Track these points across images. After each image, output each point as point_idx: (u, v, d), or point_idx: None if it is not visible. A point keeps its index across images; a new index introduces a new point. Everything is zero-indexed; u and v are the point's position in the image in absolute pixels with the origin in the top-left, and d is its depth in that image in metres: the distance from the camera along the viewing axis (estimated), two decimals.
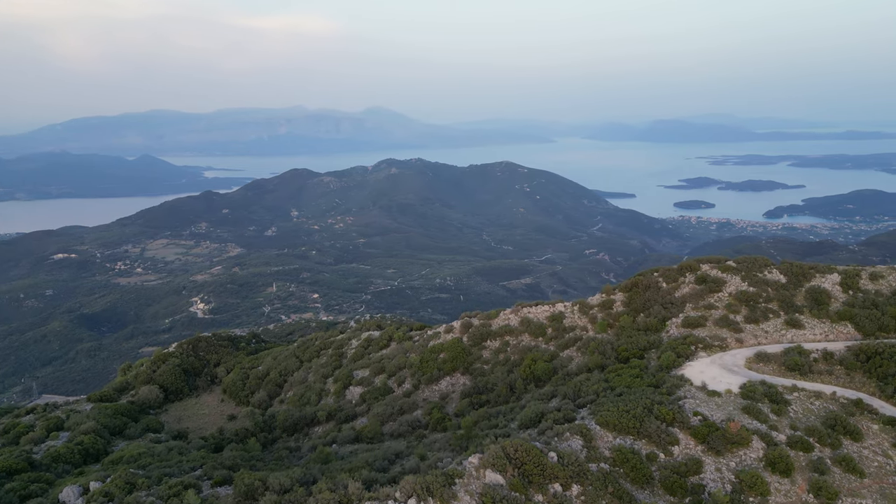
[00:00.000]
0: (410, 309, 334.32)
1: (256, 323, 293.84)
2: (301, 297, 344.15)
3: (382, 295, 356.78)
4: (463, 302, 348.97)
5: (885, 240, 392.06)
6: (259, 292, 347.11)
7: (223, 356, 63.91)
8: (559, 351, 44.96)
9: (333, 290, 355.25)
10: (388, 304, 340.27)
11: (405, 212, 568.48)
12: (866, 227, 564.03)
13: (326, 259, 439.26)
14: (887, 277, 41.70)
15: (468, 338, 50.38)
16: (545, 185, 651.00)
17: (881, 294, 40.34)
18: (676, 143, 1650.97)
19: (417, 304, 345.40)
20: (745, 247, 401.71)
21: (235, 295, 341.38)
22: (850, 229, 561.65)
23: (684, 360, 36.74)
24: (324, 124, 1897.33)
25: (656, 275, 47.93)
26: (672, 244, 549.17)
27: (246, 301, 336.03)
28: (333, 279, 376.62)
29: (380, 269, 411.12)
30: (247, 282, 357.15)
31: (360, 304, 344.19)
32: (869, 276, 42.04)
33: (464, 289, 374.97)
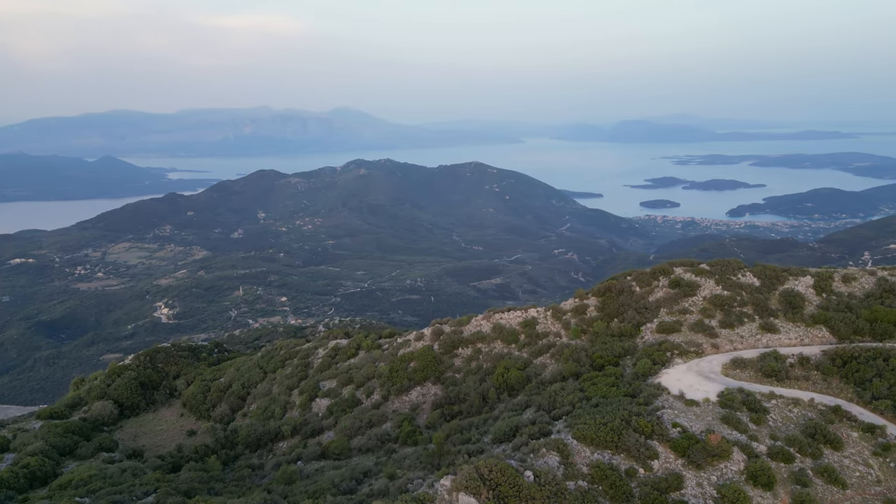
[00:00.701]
0: (381, 311, 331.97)
1: (223, 328, 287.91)
2: (269, 300, 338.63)
3: (352, 297, 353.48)
4: (434, 303, 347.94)
5: (843, 237, 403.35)
6: (225, 296, 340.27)
7: (183, 368, 61.14)
8: (532, 358, 43.77)
9: (302, 293, 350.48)
10: (358, 307, 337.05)
11: (375, 213, 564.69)
12: (825, 224, 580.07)
13: (295, 261, 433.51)
14: (860, 280, 41.55)
15: (439, 345, 48.87)
16: (514, 185, 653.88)
17: (854, 296, 40.14)
18: (642, 143, 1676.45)
19: (388, 306, 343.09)
20: (710, 245, 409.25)
21: (201, 299, 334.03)
22: (809, 227, 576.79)
23: (660, 367, 35.85)
24: (291, 124, 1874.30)
25: (629, 279, 47.12)
26: (639, 243, 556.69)
27: (212, 305, 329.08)
28: (302, 282, 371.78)
29: (349, 271, 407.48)
30: (213, 285, 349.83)
31: (329, 306, 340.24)
32: (842, 279, 41.85)
33: (434, 290, 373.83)
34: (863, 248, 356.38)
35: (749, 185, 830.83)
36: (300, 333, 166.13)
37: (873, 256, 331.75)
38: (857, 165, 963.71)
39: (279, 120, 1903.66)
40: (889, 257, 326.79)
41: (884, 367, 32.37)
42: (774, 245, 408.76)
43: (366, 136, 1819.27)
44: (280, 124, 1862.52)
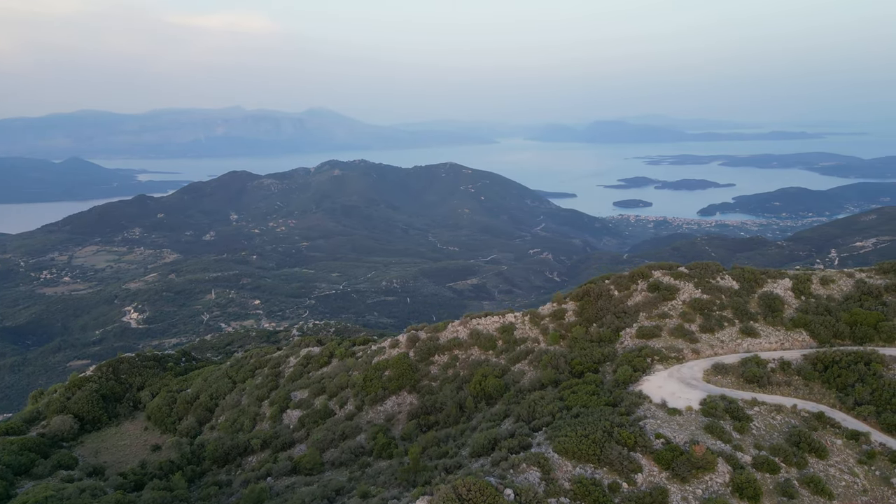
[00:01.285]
0: (356, 313, 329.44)
1: (194, 332, 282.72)
2: (241, 303, 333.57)
3: (327, 299, 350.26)
4: (410, 304, 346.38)
5: (810, 235, 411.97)
6: (197, 300, 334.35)
7: (148, 378, 58.73)
8: (510, 365, 42.70)
9: (276, 296, 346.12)
10: (332, 309, 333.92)
11: (349, 214, 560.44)
12: (792, 223, 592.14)
13: (268, 263, 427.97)
14: (837, 282, 41.32)
15: (415, 353, 47.50)
16: (489, 185, 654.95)
17: (833, 299, 39.86)
18: (615, 143, 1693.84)
19: (363, 308, 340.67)
20: (682, 244, 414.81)
21: (172, 303, 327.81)
22: (777, 225, 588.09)
23: (641, 374, 35.03)
24: (263, 125, 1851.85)
25: (608, 282, 46.34)
26: (612, 242, 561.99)
27: (183, 309, 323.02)
28: (275, 284, 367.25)
29: (324, 273, 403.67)
30: (184, 289, 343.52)
31: (303, 309, 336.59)
32: (820, 281, 41.58)
33: (410, 291, 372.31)
34: (829, 245, 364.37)
35: (719, 184, 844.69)
36: (273, 338, 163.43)
37: (840, 254, 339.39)
38: (822, 165, 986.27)
39: (251, 120, 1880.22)
40: (855, 255, 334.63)
41: (865, 371, 31.95)
42: (744, 244, 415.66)
43: (340, 136, 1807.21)
44: (252, 125, 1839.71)
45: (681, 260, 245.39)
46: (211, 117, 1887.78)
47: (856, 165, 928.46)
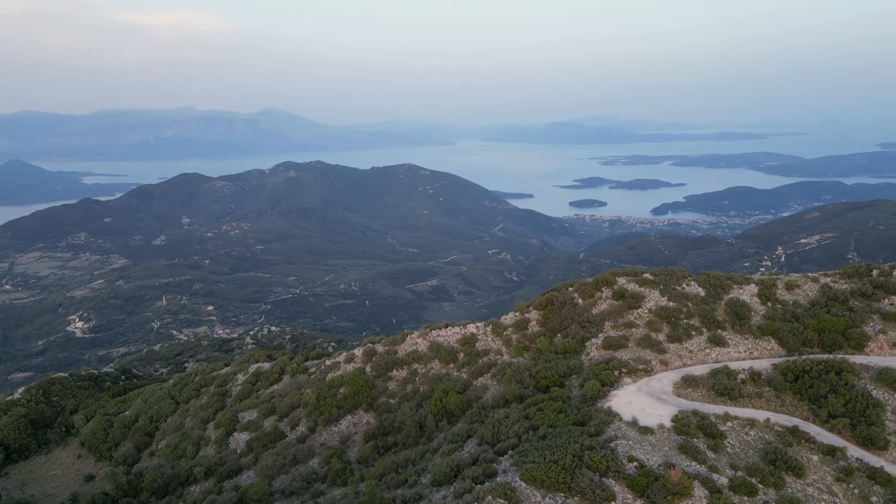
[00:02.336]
0: (314, 317, 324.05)
1: (144, 340, 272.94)
2: (194, 310, 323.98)
3: (283, 304, 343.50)
4: (369, 307, 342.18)
5: (757, 233, 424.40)
6: (147, 307, 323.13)
7: (82, 400, 54.37)
8: (473, 379, 40.62)
9: (230, 301, 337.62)
10: (289, 314, 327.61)
11: (306, 216, 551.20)
12: (740, 221, 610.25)
13: (221, 268, 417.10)
14: (803, 287, 40.69)
15: (372, 368, 44.94)
16: (448, 186, 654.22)
17: (799, 305, 39.16)
18: (569, 144, 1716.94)
19: (321, 312, 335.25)
20: (636, 243, 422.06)
21: (120, 311, 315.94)
22: (726, 223, 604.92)
23: (609, 388, 33.43)
24: (216, 126, 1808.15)
25: (571, 290, 44.75)
26: (569, 242, 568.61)
27: (132, 317, 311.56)
28: (229, 289, 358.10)
29: (280, 277, 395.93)
30: (133, 296, 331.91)
31: (259, 314, 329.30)
32: (785, 286, 40.88)
33: (369, 293, 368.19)
34: (776, 243, 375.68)
35: (671, 184, 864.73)
36: (226, 346, 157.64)
37: (786, 251, 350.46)
38: (767, 165, 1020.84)
39: (203, 121, 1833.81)
40: (801, 252, 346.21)
41: (837, 381, 31.06)
42: (696, 242, 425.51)
43: (295, 137, 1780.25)
44: (204, 126, 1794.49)
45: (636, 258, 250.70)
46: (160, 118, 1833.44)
47: (798, 165, 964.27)
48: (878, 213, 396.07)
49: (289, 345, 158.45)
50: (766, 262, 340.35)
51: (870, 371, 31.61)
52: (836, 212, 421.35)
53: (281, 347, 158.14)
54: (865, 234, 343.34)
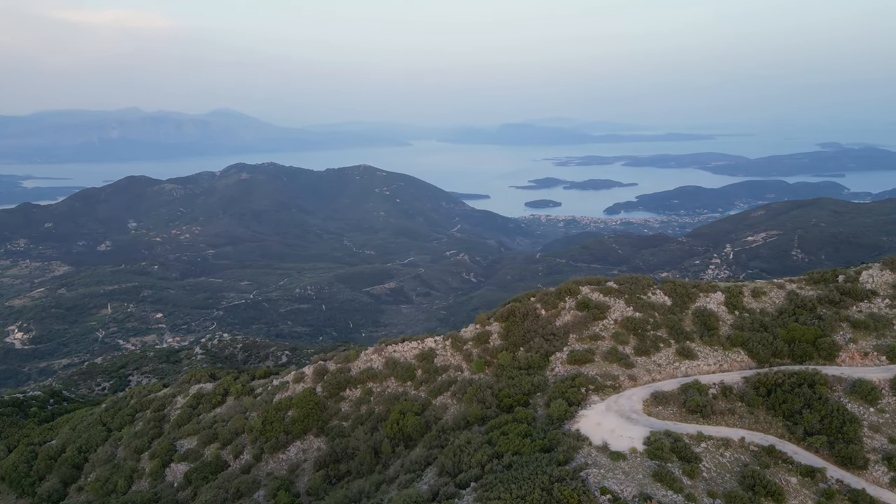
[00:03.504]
0: (268, 323, 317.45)
1: (88, 351, 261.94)
2: (142, 317, 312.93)
3: (236, 310, 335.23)
4: (325, 311, 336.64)
5: (706, 231, 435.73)
6: (91, 315, 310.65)
7: (4, 428, 49.48)
8: (431, 398, 38.11)
9: (180, 308, 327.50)
10: (242, 320, 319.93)
11: (259, 219, 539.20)
12: (690, 219, 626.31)
13: (171, 274, 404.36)
14: (769, 293, 39.68)
15: (323, 387, 41.90)
16: (404, 188, 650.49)
17: (766, 313, 38.08)
18: (524, 145, 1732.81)
19: (276, 317, 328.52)
20: (591, 243, 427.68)
21: (62, 320, 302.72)
22: (677, 222, 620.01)
23: (576, 407, 31.44)
24: (164, 127, 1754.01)
25: (533, 300, 42.73)
26: (525, 242, 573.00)
27: (75, 326, 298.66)
28: (179, 296, 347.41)
29: (233, 282, 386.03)
30: (76, 304, 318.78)
31: (210, 321, 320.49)
32: (751, 293, 39.80)
33: (326, 297, 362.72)
34: (724, 240, 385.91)
35: (623, 184, 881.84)
36: (174, 357, 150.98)
37: (734, 249, 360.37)
38: (714, 164, 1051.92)
39: (150, 122, 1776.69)
40: (748, 249, 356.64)
41: (811, 395, 29.80)
42: (648, 241, 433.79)
43: (247, 138, 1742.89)
44: (151, 127, 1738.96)
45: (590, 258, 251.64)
46: (105, 119, 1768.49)
47: (743, 164, 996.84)
48: (819, 211, 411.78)
49: (240, 354, 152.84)
50: (716, 260, 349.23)
51: (843, 383, 30.54)
52: (780, 210, 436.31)
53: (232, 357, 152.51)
54: (808, 232, 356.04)
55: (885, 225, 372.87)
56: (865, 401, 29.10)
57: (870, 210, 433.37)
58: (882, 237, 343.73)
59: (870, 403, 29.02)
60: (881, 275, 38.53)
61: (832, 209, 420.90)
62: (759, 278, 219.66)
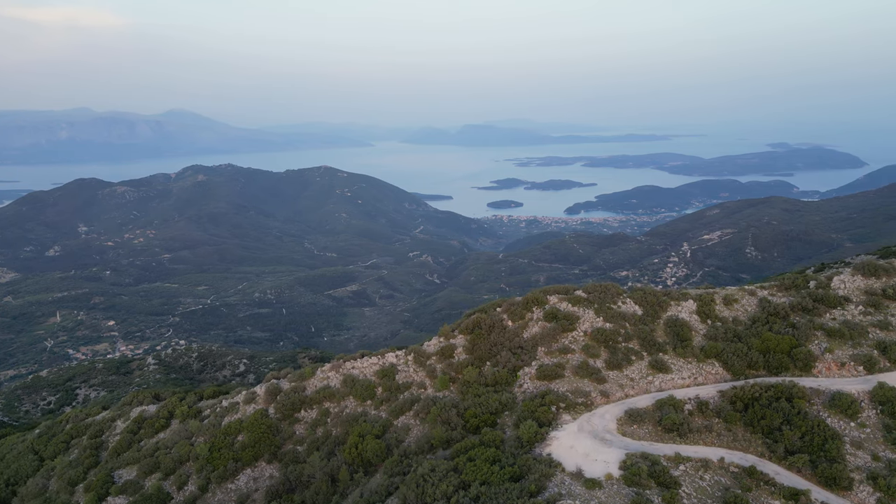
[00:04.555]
0: (227, 328, 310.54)
1: (35, 361, 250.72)
2: (93, 325, 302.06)
3: (193, 316, 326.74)
4: (286, 316, 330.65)
5: (664, 230, 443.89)
6: (39, 324, 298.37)
7: None
8: (393, 418, 35.71)
9: (134, 315, 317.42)
10: (200, 326, 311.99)
11: (217, 222, 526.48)
12: (648, 218, 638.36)
13: (124, 279, 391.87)
14: (741, 301, 38.57)
15: (276, 408, 39.03)
16: (366, 189, 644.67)
17: (739, 321, 36.91)
18: (485, 146, 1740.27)
19: (234, 323, 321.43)
20: (553, 243, 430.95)
21: (8, 330, 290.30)
22: (635, 221, 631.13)
23: (547, 428, 29.49)
24: (116, 128, 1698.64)
25: (499, 310, 40.74)
26: (488, 242, 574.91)
27: (22, 336, 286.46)
28: (133, 302, 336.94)
29: (189, 287, 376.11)
30: (23, 312, 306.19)
31: (166, 327, 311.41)
32: (723, 301, 38.63)
33: (286, 301, 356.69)
34: (682, 239, 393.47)
35: (583, 184, 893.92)
36: (124, 368, 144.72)
37: (691, 247, 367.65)
38: (671, 165, 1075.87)
39: (102, 123, 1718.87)
40: (704, 247, 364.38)
41: (789, 409, 28.51)
42: (608, 240, 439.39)
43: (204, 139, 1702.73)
44: (103, 128, 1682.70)
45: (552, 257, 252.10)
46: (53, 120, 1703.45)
47: (698, 164, 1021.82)
48: (770, 210, 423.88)
49: (195, 363, 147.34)
50: (674, 258, 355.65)
51: (821, 396, 29.39)
52: (734, 208, 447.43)
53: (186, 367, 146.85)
54: (761, 230, 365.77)
55: (833, 222, 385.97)
56: (846, 415, 27.98)
57: (818, 208, 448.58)
58: (831, 234, 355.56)
59: (850, 418, 27.91)
60: (852, 280, 37.85)
61: (783, 207, 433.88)
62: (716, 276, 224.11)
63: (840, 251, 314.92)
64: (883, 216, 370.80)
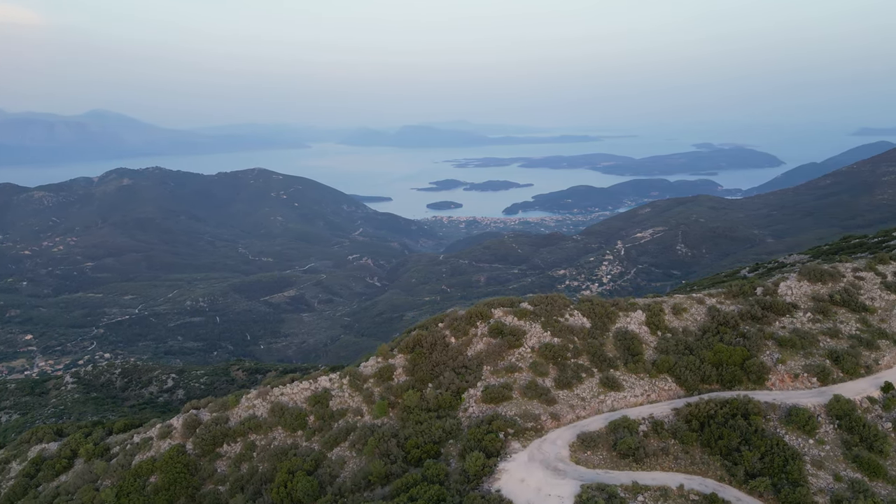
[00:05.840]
0: (156, 339, 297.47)
1: None
2: (8, 340, 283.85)
3: (119, 327, 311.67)
4: (220, 324, 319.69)
5: (599, 229, 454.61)
6: None
7: None
8: (327, 450, 32.43)
9: (53, 328, 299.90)
10: (127, 337, 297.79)
11: (144, 228, 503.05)
12: (583, 217, 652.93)
13: (43, 290, 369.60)
14: (689, 310, 37.33)
15: (195, 443, 34.98)
16: (303, 191, 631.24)
17: (690, 332, 35.59)
18: (423, 147, 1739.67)
19: (165, 333, 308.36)
20: (492, 243, 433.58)
21: None
22: (570, 221, 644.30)
23: (496, 459, 27.04)
24: (32, 130, 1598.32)
25: (441, 326, 38.06)
26: (429, 244, 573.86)
27: None
28: (53, 314, 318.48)
29: (115, 297, 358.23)
30: None
31: (89, 340, 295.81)
32: (672, 310, 37.27)
33: (220, 309, 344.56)
34: (616, 237, 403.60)
35: (520, 184, 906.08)
36: (39, 388, 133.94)
37: (625, 245, 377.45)
38: (603, 165, 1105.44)
39: (16, 124, 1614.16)
40: (637, 245, 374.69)
41: (746, 427, 27.09)
42: (546, 239, 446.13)
43: (130, 141, 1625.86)
44: (18, 129, 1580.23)
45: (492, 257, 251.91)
46: None
47: (629, 165, 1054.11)
48: (698, 208, 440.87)
49: (119, 380, 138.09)
50: (609, 256, 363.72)
51: (777, 411, 28.16)
52: (664, 207, 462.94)
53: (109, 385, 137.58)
54: (690, 227, 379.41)
55: (755, 219, 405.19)
56: (804, 431, 26.82)
57: (742, 205, 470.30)
58: (753, 230, 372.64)
59: (808, 434, 26.75)
60: (799, 286, 37.28)
61: (709, 205, 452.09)
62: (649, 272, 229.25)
63: (762, 246, 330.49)
64: (800, 213, 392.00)
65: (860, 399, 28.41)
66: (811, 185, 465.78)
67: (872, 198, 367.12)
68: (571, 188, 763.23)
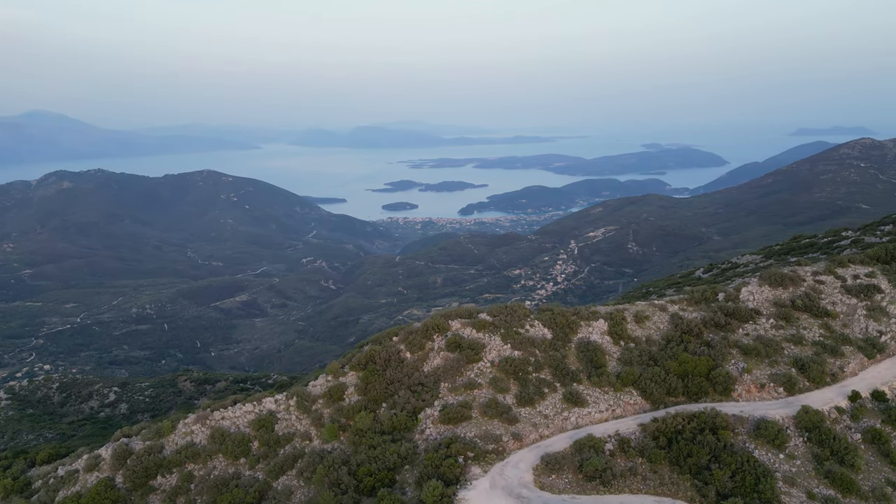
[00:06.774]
0: (100, 349, 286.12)
1: None
2: None
3: (60, 337, 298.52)
4: (168, 331, 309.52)
5: (553, 228, 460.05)
6: None
7: None
8: (272, 479, 29.90)
9: None
10: (68, 348, 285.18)
11: (86, 232, 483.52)
12: (537, 217, 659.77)
13: None
14: (652, 317, 36.24)
15: (125, 476, 31.86)
16: (254, 193, 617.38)
17: (653, 341, 34.46)
18: (377, 148, 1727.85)
19: (109, 342, 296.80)
20: (449, 244, 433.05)
21: None
22: (525, 220, 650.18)
23: (455, 487, 25.11)
24: None
25: (396, 340, 35.89)
26: (384, 245, 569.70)
27: None
28: None
29: (55, 305, 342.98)
30: None
31: (27, 351, 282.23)
32: (634, 318, 36.10)
33: (168, 316, 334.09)
34: (569, 237, 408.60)
35: (475, 185, 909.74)
36: None
37: (578, 244, 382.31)
38: (556, 165, 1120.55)
39: None
40: (591, 244, 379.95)
41: (715, 443, 25.96)
42: (501, 239, 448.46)
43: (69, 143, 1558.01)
44: None
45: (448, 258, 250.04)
46: None
47: (581, 165, 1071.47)
48: (648, 207, 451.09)
49: (57, 395, 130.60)
50: (563, 255, 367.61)
51: (745, 424, 27.16)
52: (616, 206, 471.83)
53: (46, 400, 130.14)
54: (640, 226, 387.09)
55: (702, 217, 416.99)
56: (773, 445, 25.86)
57: (689, 204, 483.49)
58: (701, 228, 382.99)
59: (778, 448, 25.80)
60: (760, 291, 36.68)
61: (658, 204, 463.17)
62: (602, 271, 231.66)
63: (710, 244, 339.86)
64: (744, 211, 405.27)
65: (828, 409, 27.72)
66: (753, 184, 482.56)
67: (811, 195, 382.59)
68: (525, 188, 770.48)
